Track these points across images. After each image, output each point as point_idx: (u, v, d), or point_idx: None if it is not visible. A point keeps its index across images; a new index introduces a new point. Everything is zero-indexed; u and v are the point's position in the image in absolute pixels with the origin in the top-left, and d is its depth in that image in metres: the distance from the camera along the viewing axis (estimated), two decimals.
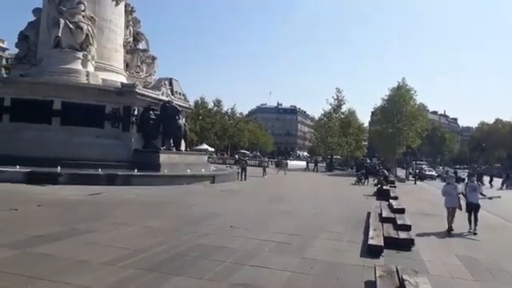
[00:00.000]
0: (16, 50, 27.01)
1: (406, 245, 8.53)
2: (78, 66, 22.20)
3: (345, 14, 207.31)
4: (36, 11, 25.38)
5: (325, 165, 58.54)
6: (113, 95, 21.92)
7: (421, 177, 41.45)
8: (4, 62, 61.49)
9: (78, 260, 6.28)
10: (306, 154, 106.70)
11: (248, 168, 28.75)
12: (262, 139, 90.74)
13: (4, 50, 64.00)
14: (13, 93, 21.19)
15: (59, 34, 21.68)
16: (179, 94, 56.98)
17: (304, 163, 61.77)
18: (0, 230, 7.98)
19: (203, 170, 24.25)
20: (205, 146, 57.92)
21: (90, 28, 22.85)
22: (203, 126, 65.04)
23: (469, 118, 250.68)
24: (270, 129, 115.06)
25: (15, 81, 22.80)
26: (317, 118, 66.28)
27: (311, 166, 52.70)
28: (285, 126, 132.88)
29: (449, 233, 10.74)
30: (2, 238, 7.31)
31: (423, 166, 53.74)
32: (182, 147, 25.27)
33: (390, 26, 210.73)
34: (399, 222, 10.27)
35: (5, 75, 40.95)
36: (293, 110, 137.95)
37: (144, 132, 22.52)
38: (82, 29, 22.34)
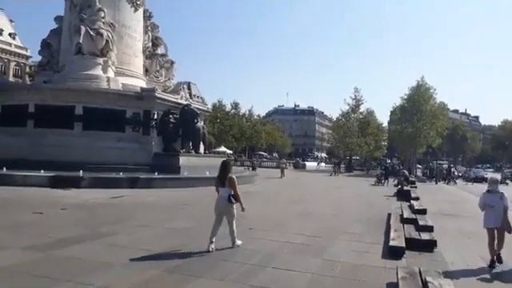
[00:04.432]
0: (39, 58, 27.71)
1: (429, 246, 8.38)
2: (98, 71, 22.67)
3: (362, 13, 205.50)
4: (58, 19, 26.05)
5: (343, 166, 57.94)
6: (133, 100, 22.30)
7: (443, 177, 40.04)
8: (28, 69, 63.19)
9: (101, 262, 6.41)
10: (324, 155, 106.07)
11: (265, 169, 35.71)
12: (279, 141, 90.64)
13: (27, 57, 65.72)
14: (37, 99, 21.80)
15: (80, 41, 22.21)
16: (197, 97, 57.64)
17: (322, 164, 60.82)
18: (26, 233, 8.22)
19: None
20: (223, 149, 58.25)
21: (109, 34, 23.33)
22: (221, 128, 65.39)
23: (491, 117, 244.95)
24: (288, 130, 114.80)
25: (39, 87, 23.45)
26: (335, 118, 65.84)
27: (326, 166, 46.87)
28: (302, 127, 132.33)
29: (491, 267, 7.26)
30: (28, 240, 7.51)
31: (444, 166, 52.66)
32: (201, 150, 25.48)
33: (408, 25, 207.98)
34: (421, 223, 10.09)
35: (29, 82, 42.13)
36: (310, 111, 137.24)
37: (164, 135, 22.81)
38: (102, 35, 22.82)
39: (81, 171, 17.19)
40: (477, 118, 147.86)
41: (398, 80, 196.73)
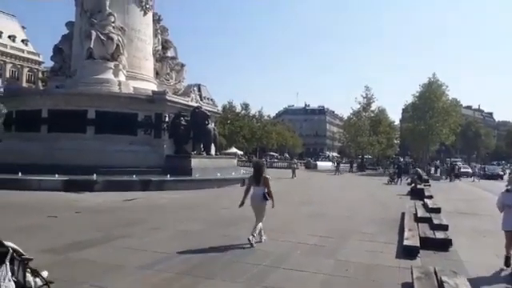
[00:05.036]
0: (51, 63, 28.06)
1: (444, 245, 8.27)
2: (109, 75, 22.85)
3: (372, 10, 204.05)
4: (69, 25, 26.34)
5: (355, 165, 57.34)
6: (144, 103, 22.44)
7: (456, 174, 39.56)
8: (40, 75, 64.14)
9: (115, 264, 6.46)
10: (335, 154, 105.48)
11: (276, 170, 34.34)
12: (290, 141, 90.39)
13: (40, 63, 66.70)
14: (49, 104, 22.03)
15: (91, 46, 22.39)
16: (208, 99, 57.79)
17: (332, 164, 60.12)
18: (41, 236, 8.32)
19: (233, 174, 24.41)
20: (234, 150, 58.31)
21: (120, 38, 23.48)
22: (232, 129, 65.50)
23: (505, 113, 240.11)
24: (298, 130, 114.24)
25: (51, 93, 23.76)
26: (346, 117, 65.42)
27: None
28: (313, 126, 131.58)
29: (507, 265, 6.94)
30: (43, 244, 7.58)
31: (458, 163, 51.97)
32: (212, 151, 25.54)
33: (420, 21, 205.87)
34: (435, 222, 9.97)
35: (41, 88, 42.70)
36: (321, 111, 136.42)
37: (175, 138, 22.91)
38: (112, 39, 22.99)
39: (94, 175, 17.36)
40: (490, 114, 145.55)
41: (410, 77, 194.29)
